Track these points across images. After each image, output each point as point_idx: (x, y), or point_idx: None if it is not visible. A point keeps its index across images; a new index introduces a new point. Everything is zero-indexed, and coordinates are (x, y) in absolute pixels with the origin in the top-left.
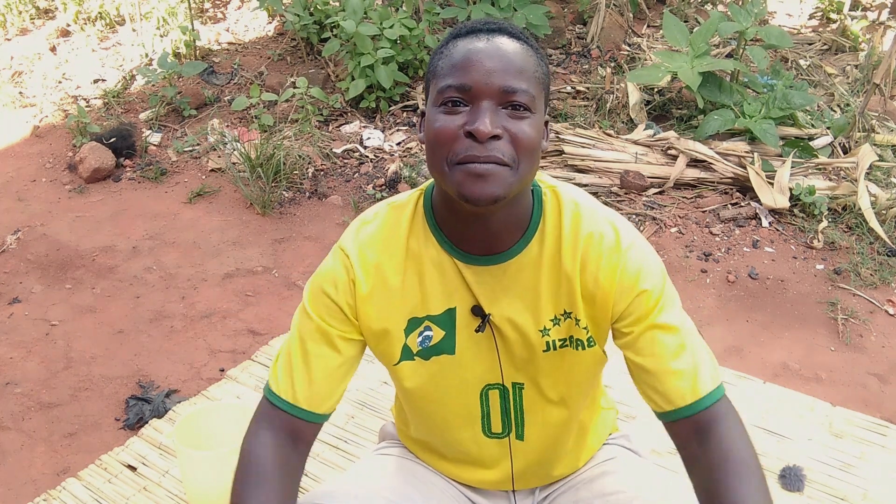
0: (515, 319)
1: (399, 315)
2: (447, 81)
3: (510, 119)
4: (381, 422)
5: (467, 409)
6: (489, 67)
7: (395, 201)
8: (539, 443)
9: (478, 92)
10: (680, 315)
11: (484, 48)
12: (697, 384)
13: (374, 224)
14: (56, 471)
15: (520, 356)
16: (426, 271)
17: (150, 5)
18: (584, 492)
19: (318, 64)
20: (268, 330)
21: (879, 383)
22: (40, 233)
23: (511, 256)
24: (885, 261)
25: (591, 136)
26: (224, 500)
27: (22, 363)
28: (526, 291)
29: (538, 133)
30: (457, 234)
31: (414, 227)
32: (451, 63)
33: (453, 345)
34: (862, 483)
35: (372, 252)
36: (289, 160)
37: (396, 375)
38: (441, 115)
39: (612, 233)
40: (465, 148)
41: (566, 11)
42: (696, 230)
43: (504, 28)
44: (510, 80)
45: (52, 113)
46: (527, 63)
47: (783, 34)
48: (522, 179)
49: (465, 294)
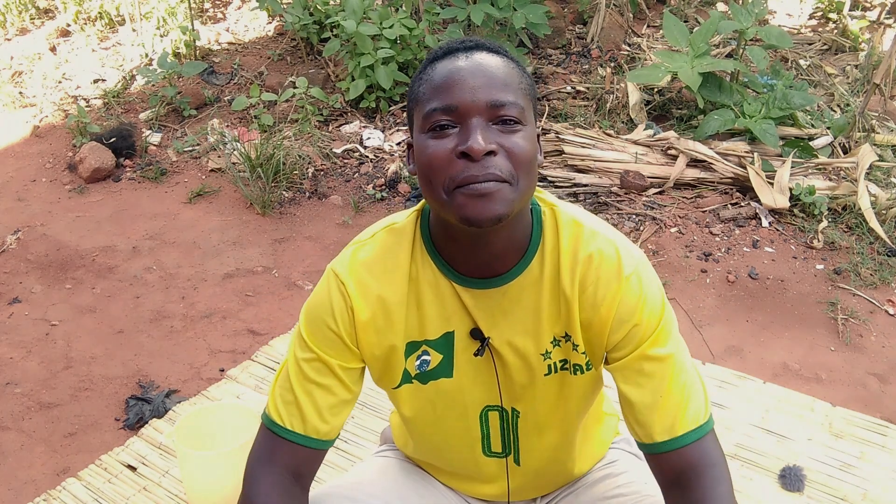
0: (516, 343)
1: (399, 339)
2: (432, 105)
3: (502, 134)
4: (381, 422)
5: (467, 431)
6: (473, 84)
7: (391, 225)
8: (537, 464)
9: (465, 110)
10: (674, 346)
11: (464, 66)
12: (680, 420)
13: (370, 247)
14: (56, 471)
15: (519, 380)
16: (424, 295)
17: (150, 5)
18: (584, 496)
19: (318, 64)
20: (268, 330)
21: (879, 383)
22: (40, 233)
23: (511, 279)
24: (885, 261)
25: (591, 136)
26: (224, 500)
27: (22, 363)
28: (526, 314)
29: (532, 145)
30: (455, 257)
31: (414, 250)
32: (433, 86)
33: (451, 369)
34: (862, 483)
35: (369, 277)
36: (289, 160)
37: (396, 399)
38: (431, 141)
39: (614, 257)
40: (461, 170)
41: (566, 11)
42: (696, 230)
43: (481, 44)
44: (496, 94)
45: (52, 113)
46: (511, 76)
47: (783, 34)
48: (523, 195)
49: (463, 317)
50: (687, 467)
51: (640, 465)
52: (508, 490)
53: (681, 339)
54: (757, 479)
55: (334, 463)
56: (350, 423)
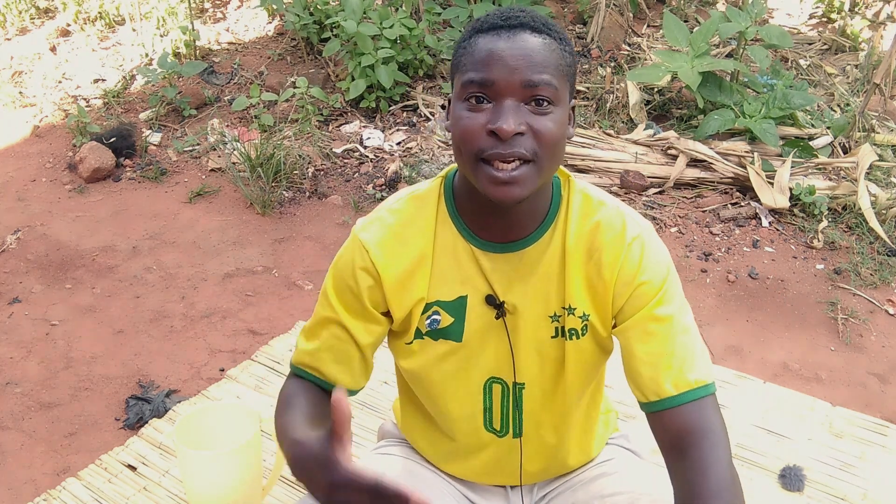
0: (527, 307)
1: (422, 296)
2: (470, 76)
3: (533, 115)
4: (380, 422)
5: (469, 400)
6: (511, 64)
7: (415, 191)
8: (538, 443)
9: (500, 88)
10: (678, 308)
11: (505, 45)
12: (682, 379)
13: (396, 213)
14: (56, 471)
15: (527, 347)
16: (442, 257)
17: (150, 5)
18: (581, 493)
19: (318, 64)
20: (268, 330)
21: (879, 383)
22: (40, 233)
23: (528, 244)
24: (885, 261)
25: (591, 135)
26: (224, 500)
27: (22, 363)
28: (539, 280)
29: (561, 127)
30: (476, 221)
31: (438, 215)
32: (474, 59)
33: (461, 332)
34: (862, 483)
35: (395, 240)
36: (289, 160)
37: (406, 353)
38: (465, 112)
39: (618, 224)
40: (490, 146)
41: (566, 11)
42: (696, 230)
43: (525, 22)
44: (532, 74)
45: (52, 113)
46: (549, 56)
47: (784, 34)
48: (544, 174)
49: (478, 282)
50: (686, 429)
51: (638, 462)
52: (520, 470)
53: (686, 303)
54: (757, 479)
55: None
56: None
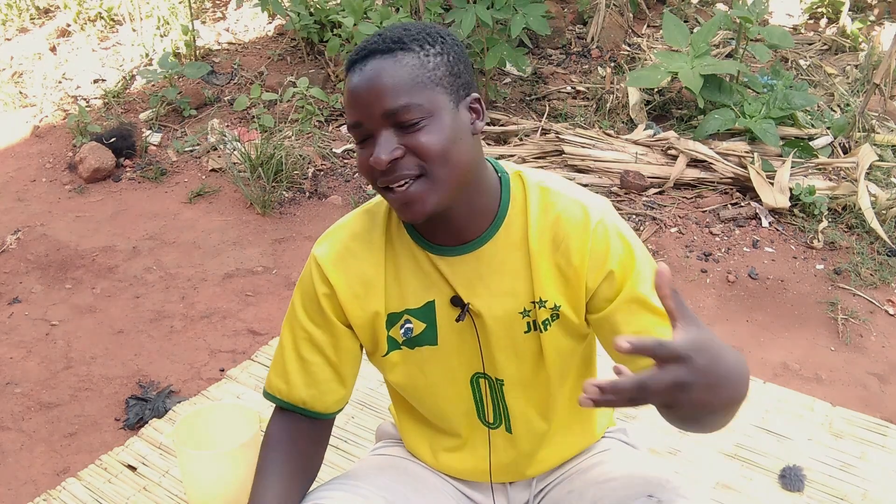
0: (494, 305)
1: (380, 308)
2: (347, 120)
3: (406, 135)
4: (380, 422)
5: (460, 398)
6: (367, 100)
7: (367, 205)
8: (528, 434)
9: (367, 126)
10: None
11: (358, 81)
12: None
13: (348, 228)
14: (56, 471)
15: (499, 344)
16: (403, 267)
17: (151, 5)
18: (578, 482)
19: (319, 64)
20: (268, 330)
21: (879, 383)
22: (40, 233)
23: (482, 243)
24: (885, 261)
25: (591, 136)
26: (224, 500)
27: (22, 363)
28: (502, 277)
29: (443, 133)
30: (426, 228)
31: (389, 226)
32: (346, 102)
33: (435, 336)
34: (862, 483)
35: (347, 254)
36: (289, 160)
37: (387, 367)
38: (357, 148)
39: (580, 211)
40: (378, 176)
41: (566, 11)
42: (696, 230)
43: (373, 49)
44: (387, 104)
45: (52, 113)
46: (403, 75)
47: (785, 34)
48: (445, 182)
49: (442, 286)
50: None
51: (635, 452)
52: (514, 472)
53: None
54: (757, 479)
55: (334, 463)
56: (350, 423)
